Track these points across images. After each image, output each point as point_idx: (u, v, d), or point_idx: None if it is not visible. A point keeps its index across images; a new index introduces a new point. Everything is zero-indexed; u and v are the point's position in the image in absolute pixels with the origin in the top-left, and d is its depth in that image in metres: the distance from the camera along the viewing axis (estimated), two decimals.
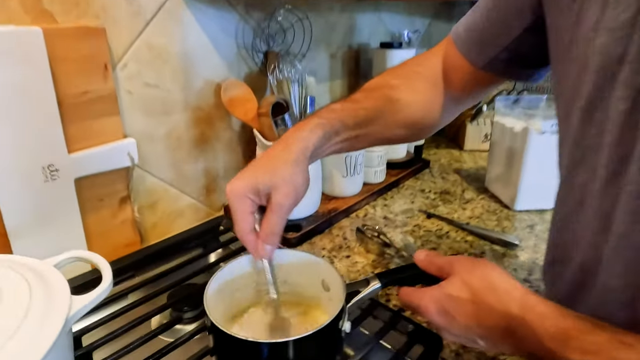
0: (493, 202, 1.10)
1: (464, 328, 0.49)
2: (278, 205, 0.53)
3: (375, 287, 0.57)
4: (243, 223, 0.54)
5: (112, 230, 0.84)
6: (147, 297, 0.75)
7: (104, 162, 0.79)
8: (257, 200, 0.54)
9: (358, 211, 1.06)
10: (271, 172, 0.54)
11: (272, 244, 0.55)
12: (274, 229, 0.54)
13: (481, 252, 0.90)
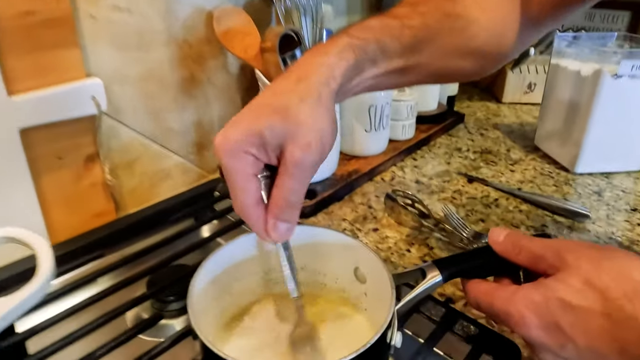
0: (546, 164, 0.91)
1: (586, 353, 0.32)
2: (295, 163, 0.35)
3: (435, 280, 0.39)
4: (243, 192, 0.36)
5: (77, 197, 0.66)
6: (121, 284, 0.58)
7: (59, 108, 0.60)
8: (262, 156, 0.36)
9: (383, 173, 0.88)
10: (282, 114, 0.35)
11: (289, 221, 0.37)
12: (291, 198, 0.36)
13: (542, 225, 0.72)
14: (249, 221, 0.37)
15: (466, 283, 0.39)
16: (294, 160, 0.35)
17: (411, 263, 0.63)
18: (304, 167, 0.35)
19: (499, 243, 0.38)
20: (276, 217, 0.36)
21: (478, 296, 0.37)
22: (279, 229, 0.37)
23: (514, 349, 0.44)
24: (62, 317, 0.53)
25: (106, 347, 0.49)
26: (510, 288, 0.35)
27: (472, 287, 0.38)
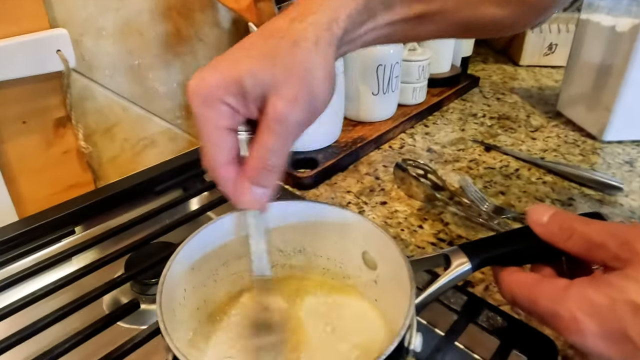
0: (571, 131, 0.83)
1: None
2: (277, 119, 0.29)
3: (463, 269, 0.32)
4: (214, 147, 0.31)
5: (48, 166, 0.59)
6: (97, 264, 0.51)
7: (19, 63, 0.52)
8: (241, 108, 0.30)
9: (392, 141, 0.80)
10: (269, 59, 0.29)
11: (265, 186, 0.31)
12: (269, 160, 0.30)
13: (568, 198, 0.64)
14: (218, 182, 0.32)
15: (500, 272, 0.32)
16: (275, 114, 0.29)
17: (424, 241, 0.56)
18: (287, 124, 0.29)
19: (543, 225, 0.31)
20: (251, 180, 0.30)
21: (516, 290, 0.30)
22: (253, 194, 0.31)
23: (550, 345, 0.38)
24: (29, 301, 0.47)
25: (80, 335, 0.43)
26: (559, 283, 0.28)
27: (508, 277, 0.31)
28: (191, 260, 0.34)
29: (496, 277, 0.32)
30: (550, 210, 0.31)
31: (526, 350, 0.38)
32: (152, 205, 0.62)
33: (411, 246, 0.56)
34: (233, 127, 0.30)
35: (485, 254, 0.32)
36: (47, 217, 0.55)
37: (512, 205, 0.63)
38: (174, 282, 0.32)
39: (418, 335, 0.28)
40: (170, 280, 0.31)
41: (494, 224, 0.58)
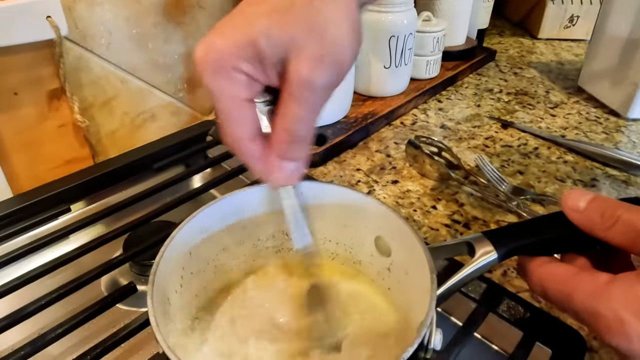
0: (593, 107, 0.78)
1: None
2: (302, 83, 0.25)
3: (488, 259, 0.29)
4: (235, 124, 0.27)
5: (43, 140, 0.56)
6: (94, 243, 0.48)
7: (4, 31, 0.48)
8: (259, 75, 0.26)
9: (404, 117, 0.76)
10: (283, 14, 0.25)
11: (297, 159, 0.28)
12: (298, 130, 0.27)
13: (592, 179, 0.61)
14: (244, 160, 0.28)
15: (528, 262, 0.29)
16: (300, 80, 0.25)
17: (437, 222, 0.53)
18: (314, 89, 0.25)
19: (580, 211, 0.28)
20: (281, 155, 0.28)
21: (549, 283, 0.27)
22: (285, 170, 0.28)
23: (576, 338, 0.35)
24: (26, 280, 0.45)
25: (79, 317, 0.41)
26: (600, 278, 0.25)
27: (539, 269, 0.28)
28: (188, 246, 0.32)
29: (523, 267, 0.29)
30: (588, 195, 0.28)
31: (551, 343, 0.35)
32: (152, 182, 0.59)
33: (424, 227, 0.53)
34: (252, 97, 0.27)
35: (513, 243, 0.29)
36: (43, 193, 0.52)
37: (531, 186, 0.59)
38: (169, 269, 0.29)
39: (438, 331, 0.25)
40: (165, 268, 0.28)
41: (512, 205, 0.54)
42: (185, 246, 0.31)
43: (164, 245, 0.29)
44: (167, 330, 0.28)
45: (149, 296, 0.25)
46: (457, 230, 0.52)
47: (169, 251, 0.29)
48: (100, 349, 0.37)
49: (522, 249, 0.29)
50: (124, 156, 0.60)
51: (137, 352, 0.44)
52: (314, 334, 0.33)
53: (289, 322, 0.33)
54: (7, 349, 0.45)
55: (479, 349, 0.38)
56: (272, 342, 0.32)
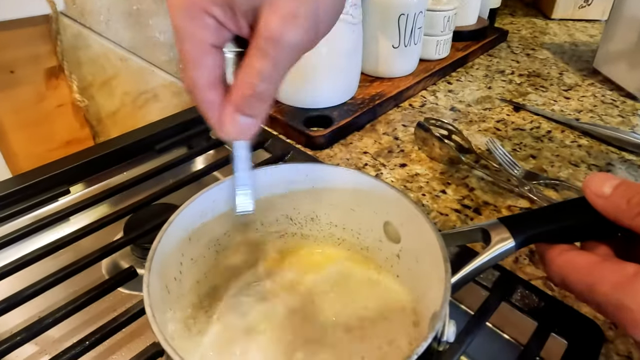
0: (608, 90, 0.76)
1: None
2: (271, 38, 0.24)
3: (505, 247, 0.27)
4: (196, 67, 0.26)
5: (42, 120, 0.54)
6: (94, 226, 0.47)
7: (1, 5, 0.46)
8: (229, 23, 0.25)
9: (412, 99, 0.74)
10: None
11: (253, 116, 0.27)
12: (259, 86, 0.25)
13: (607, 163, 0.59)
14: (200, 107, 0.27)
15: (547, 250, 0.27)
16: (268, 33, 0.24)
17: (447, 207, 0.52)
18: (282, 45, 0.24)
19: (605, 197, 0.26)
20: (236, 108, 0.26)
21: (569, 272, 0.25)
22: (238, 123, 0.27)
23: (593, 328, 0.33)
24: (26, 262, 0.44)
25: (80, 300, 0.40)
26: (627, 268, 0.23)
27: (560, 257, 0.26)
28: (188, 231, 0.30)
29: (542, 255, 0.28)
30: (613, 180, 0.26)
31: (566, 332, 0.34)
32: (154, 163, 0.57)
33: (433, 212, 0.51)
34: (219, 44, 0.26)
35: (531, 230, 0.27)
36: (42, 174, 0.51)
37: (544, 170, 0.58)
38: (167, 255, 0.28)
39: (451, 323, 0.24)
40: (162, 255, 0.27)
41: (524, 190, 0.53)
42: (184, 231, 0.30)
43: (162, 231, 0.27)
44: (165, 319, 0.26)
45: (145, 284, 0.24)
46: (467, 216, 0.50)
47: (167, 237, 0.27)
48: (99, 334, 0.36)
49: (541, 236, 0.27)
50: (125, 137, 0.58)
51: (139, 336, 0.43)
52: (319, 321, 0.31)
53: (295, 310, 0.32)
54: (6, 331, 0.44)
55: (490, 338, 0.36)
56: (275, 330, 0.31)
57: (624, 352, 0.36)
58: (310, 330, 0.31)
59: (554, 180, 0.55)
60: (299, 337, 0.31)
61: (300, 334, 0.31)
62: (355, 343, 0.30)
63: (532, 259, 0.44)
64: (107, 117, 0.61)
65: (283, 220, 0.35)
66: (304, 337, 0.31)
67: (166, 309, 0.27)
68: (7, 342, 0.37)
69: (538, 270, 0.43)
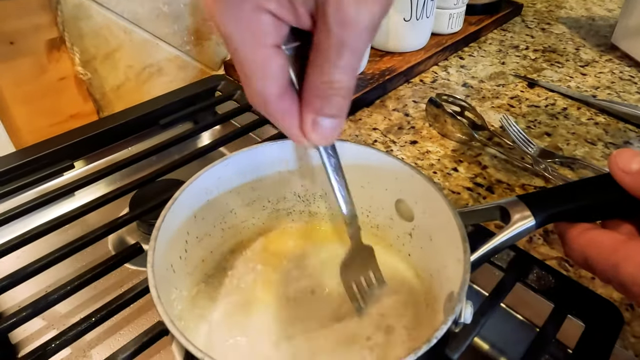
0: (627, 66, 0.73)
1: None
2: (345, 20, 0.20)
3: (525, 226, 0.26)
4: (261, 76, 0.22)
5: (44, 93, 0.53)
6: (100, 202, 0.47)
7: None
8: (286, 14, 0.21)
9: (423, 74, 0.72)
10: None
11: (336, 115, 0.23)
12: (337, 80, 0.22)
13: (625, 142, 0.57)
14: (275, 120, 0.24)
15: (568, 229, 0.26)
16: (341, 16, 0.20)
17: (459, 185, 0.50)
18: (359, 29, 0.20)
19: (632, 174, 0.24)
20: (317, 112, 0.23)
21: (592, 252, 0.24)
22: (322, 128, 0.23)
23: (613, 312, 0.32)
24: (30, 237, 0.43)
25: (87, 275, 0.39)
26: None
27: (581, 236, 0.25)
28: (192, 208, 0.29)
29: (562, 234, 0.26)
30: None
31: (584, 315, 0.33)
32: (159, 138, 0.56)
33: (445, 191, 0.50)
34: (279, 42, 0.22)
35: (552, 208, 0.26)
36: (45, 149, 0.50)
37: (560, 148, 0.56)
38: (172, 234, 0.27)
39: (469, 304, 0.23)
40: (167, 233, 0.26)
41: (539, 169, 0.51)
42: (189, 209, 0.29)
43: (165, 209, 0.26)
44: (170, 299, 0.26)
45: (150, 264, 0.23)
46: (479, 194, 0.49)
47: (171, 215, 0.26)
48: (105, 311, 0.35)
49: (562, 214, 0.26)
50: (129, 111, 0.57)
51: (146, 312, 0.43)
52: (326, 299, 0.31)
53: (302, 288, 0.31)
54: (14, 305, 0.44)
55: (504, 319, 0.35)
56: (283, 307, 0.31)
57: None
58: (318, 307, 0.31)
59: (569, 158, 0.53)
60: (307, 313, 0.30)
61: (308, 311, 0.30)
62: (364, 322, 0.30)
63: (547, 238, 0.43)
64: (111, 91, 0.60)
65: (291, 197, 0.34)
66: (311, 313, 0.30)
67: (171, 288, 0.26)
68: (14, 318, 0.36)
69: (553, 250, 0.42)
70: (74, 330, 0.35)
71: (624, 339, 0.35)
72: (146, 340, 0.32)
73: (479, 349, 0.36)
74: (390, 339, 0.28)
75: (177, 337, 0.19)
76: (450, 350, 0.28)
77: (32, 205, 0.46)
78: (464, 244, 0.23)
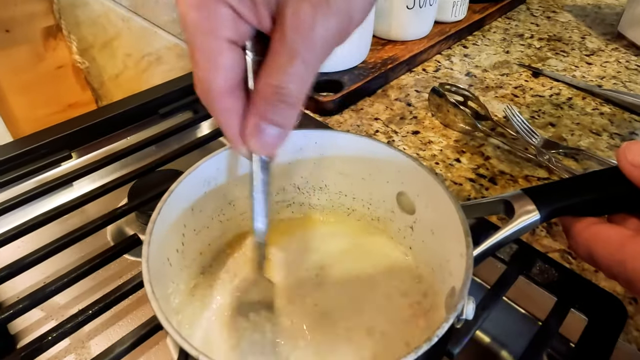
0: (633, 55, 0.72)
1: None
2: (302, 28, 0.20)
3: (530, 220, 0.25)
4: (210, 68, 0.22)
5: (41, 82, 0.52)
6: (99, 191, 0.46)
7: None
8: (247, 13, 0.21)
9: (426, 63, 0.71)
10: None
11: (281, 125, 0.23)
12: (288, 88, 0.21)
13: (630, 132, 0.56)
14: (216, 116, 0.23)
15: (573, 223, 0.25)
16: (298, 23, 0.20)
17: (461, 176, 0.50)
18: (314, 39, 0.20)
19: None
20: (262, 116, 0.22)
21: (598, 247, 0.24)
22: (263, 135, 0.22)
23: (616, 306, 0.32)
24: (29, 227, 0.43)
25: (86, 266, 0.39)
26: None
27: (587, 231, 0.24)
28: (190, 201, 0.29)
29: (568, 228, 0.26)
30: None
31: (587, 308, 0.32)
32: (158, 128, 0.56)
33: (447, 182, 0.49)
34: (237, 39, 0.22)
35: (558, 202, 0.25)
36: (43, 138, 0.50)
37: (564, 139, 0.55)
38: (168, 227, 0.26)
39: (471, 300, 0.22)
40: (163, 227, 0.25)
41: (543, 160, 0.50)
42: (186, 201, 0.28)
43: (161, 202, 0.26)
44: (167, 293, 0.25)
45: (144, 259, 0.22)
46: (482, 185, 0.49)
47: (167, 208, 0.26)
48: (103, 303, 0.35)
49: (567, 209, 0.26)
50: (127, 101, 0.56)
51: (145, 303, 0.42)
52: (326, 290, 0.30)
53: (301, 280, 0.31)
54: (13, 296, 0.44)
55: (506, 312, 0.35)
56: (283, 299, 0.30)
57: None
58: (317, 298, 0.30)
59: (574, 149, 0.52)
60: (305, 306, 0.30)
61: (307, 303, 0.30)
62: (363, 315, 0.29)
63: (550, 230, 0.43)
64: (110, 79, 0.59)
65: (290, 189, 0.34)
66: (310, 306, 0.30)
67: (168, 282, 0.26)
68: (13, 308, 0.36)
69: (556, 242, 0.42)
70: (73, 322, 0.35)
71: (628, 333, 0.35)
72: (144, 333, 0.32)
73: (480, 342, 0.35)
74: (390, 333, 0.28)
75: (171, 335, 0.19)
76: (451, 345, 0.28)
77: (30, 196, 0.46)
78: (466, 239, 0.23)
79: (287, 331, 0.28)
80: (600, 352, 0.30)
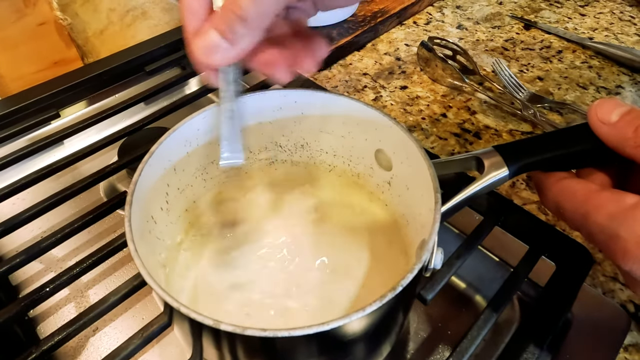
0: (628, 6, 0.71)
1: None
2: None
3: (499, 176, 0.26)
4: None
5: (24, 39, 0.52)
6: (89, 150, 0.47)
7: None
8: None
9: (417, 15, 0.69)
10: None
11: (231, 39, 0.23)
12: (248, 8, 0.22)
13: (616, 86, 0.56)
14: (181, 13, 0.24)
15: (543, 178, 0.26)
16: None
17: (446, 131, 0.51)
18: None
19: (610, 125, 0.24)
20: (212, 23, 0.23)
21: (565, 200, 0.25)
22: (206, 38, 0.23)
23: (584, 254, 0.33)
24: (23, 185, 0.44)
25: (81, 221, 0.40)
26: (627, 199, 0.22)
27: (555, 185, 0.25)
28: (172, 161, 0.29)
29: (538, 183, 0.27)
30: (621, 107, 0.25)
31: (556, 256, 0.34)
32: (145, 85, 0.56)
33: (432, 137, 0.50)
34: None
35: (526, 159, 0.26)
36: (29, 97, 0.50)
37: (550, 93, 0.55)
38: (151, 187, 0.27)
39: (439, 251, 0.24)
40: (145, 186, 0.26)
41: (528, 114, 0.51)
42: (168, 162, 0.29)
43: (142, 162, 0.27)
44: (153, 249, 0.27)
45: (127, 219, 0.23)
46: (466, 140, 0.49)
47: (149, 168, 0.27)
48: (97, 257, 0.36)
49: (537, 164, 0.27)
50: (113, 58, 0.56)
51: None
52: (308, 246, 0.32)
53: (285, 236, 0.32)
54: (12, 250, 0.45)
55: (480, 259, 0.37)
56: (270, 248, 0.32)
57: (609, 274, 0.37)
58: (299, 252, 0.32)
59: (559, 103, 0.53)
60: (289, 258, 0.31)
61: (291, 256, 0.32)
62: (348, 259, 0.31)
63: (529, 183, 0.44)
64: (94, 36, 0.58)
65: (272, 147, 0.34)
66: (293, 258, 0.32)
67: (153, 239, 0.27)
68: (13, 261, 0.37)
69: (534, 195, 0.43)
70: (70, 273, 0.36)
71: (594, 278, 0.37)
72: (137, 284, 0.34)
73: (456, 288, 0.37)
74: (370, 281, 0.30)
75: (153, 288, 0.20)
76: (424, 291, 0.29)
77: (23, 154, 0.46)
78: (435, 195, 0.24)
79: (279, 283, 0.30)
80: (566, 295, 0.32)
